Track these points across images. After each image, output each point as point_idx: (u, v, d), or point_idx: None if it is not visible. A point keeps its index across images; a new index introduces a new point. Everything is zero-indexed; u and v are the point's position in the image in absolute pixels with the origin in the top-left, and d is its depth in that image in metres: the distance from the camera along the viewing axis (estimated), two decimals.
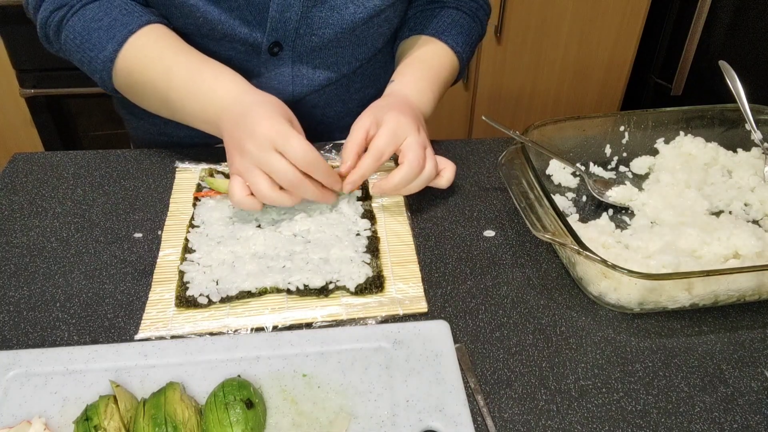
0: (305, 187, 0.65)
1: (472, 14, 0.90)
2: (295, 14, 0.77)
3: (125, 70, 0.73)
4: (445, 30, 0.86)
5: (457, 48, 0.86)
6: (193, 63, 0.72)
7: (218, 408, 0.50)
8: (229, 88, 0.70)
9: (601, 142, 0.82)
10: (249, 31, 0.79)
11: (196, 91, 0.71)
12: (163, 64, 0.72)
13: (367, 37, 0.85)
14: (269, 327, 0.60)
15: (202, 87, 0.71)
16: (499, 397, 0.55)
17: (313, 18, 0.79)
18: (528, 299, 0.64)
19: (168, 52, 0.73)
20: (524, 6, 1.73)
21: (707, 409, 0.54)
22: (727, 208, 0.76)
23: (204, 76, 0.71)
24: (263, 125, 0.64)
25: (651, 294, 0.60)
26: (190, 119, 0.73)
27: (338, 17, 0.79)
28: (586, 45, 1.84)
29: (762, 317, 0.63)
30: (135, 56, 0.72)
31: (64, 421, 0.52)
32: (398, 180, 0.68)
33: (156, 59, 0.72)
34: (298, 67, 0.85)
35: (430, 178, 0.71)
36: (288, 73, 0.85)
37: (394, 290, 0.64)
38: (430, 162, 0.70)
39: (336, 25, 0.80)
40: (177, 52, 0.73)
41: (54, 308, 0.62)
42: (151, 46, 0.73)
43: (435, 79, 0.83)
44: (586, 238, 0.62)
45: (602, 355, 0.59)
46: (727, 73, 0.82)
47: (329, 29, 0.80)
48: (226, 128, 0.69)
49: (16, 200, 0.76)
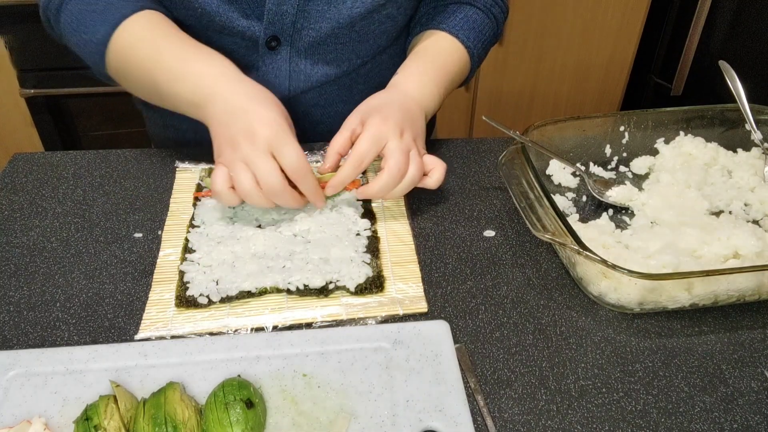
0: (284, 196, 0.65)
1: (487, 11, 0.88)
2: (292, 7, 0.77)
3: (117, 53, 0.73)
4: (456, 25, 0.84)
5: (468, 43, 0.84)
6: (184, 46, 0.72)
7: (218, 408, 0.50)
8: (220, 73, 0.69)
9: (601, 142, 0.82)
10: (247, 24, 0.78)
11: (185, 73, 0.70)
12: (153, 46, 0.71)
13: (368, 34, 0.85)
14: (269, 327, 0.60)
15: (192, 69, 0.70)
16: (499, 397, 0.55)
17: (311, 11, 0.79)
18: (528, 299, 0.64)
19: (159, 35, 0.72)
20: (525, 6, 1.73)
21: (707, 409, 0.54)
22: (727, 208, 0.76)
23: (194, 59, 0.70)
24: (264, 127, 0.64)
25: (651, 294, 0.60)
26: (177, 102, 0.72)
27: (335, 11, 0.79)
28: (586, 45, 1.84)
29: (762, 317, 0.63)
30: (127, 39, 0.72)
31: (64, 421, 0.52)
32: (378, 188, 0.67)
33: (147, 42, 0.71)
34: (296, 63, 0.84)
35: (414, 182, 0.69)
36: (285, 68, 0.84)
37: (394, 290, 0.64)
38: (413, 166, 0.68)
39: (333, 19, 0.80)
40: (168, 35, 0.72)
41: (54, 308, 0.62)
42: (143, 31, 0.72)
43: (441, 73, 0.81)
44: (586, 238, 0.62)
45: (602, 355, 0.59)
46: (727, 73, 0.82)
47: (326, 23, 0.80)
48: (216, 116, 0.67)
49: (16, 200, 0.76)
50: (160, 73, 0.71)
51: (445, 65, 0.82)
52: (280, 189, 0.64)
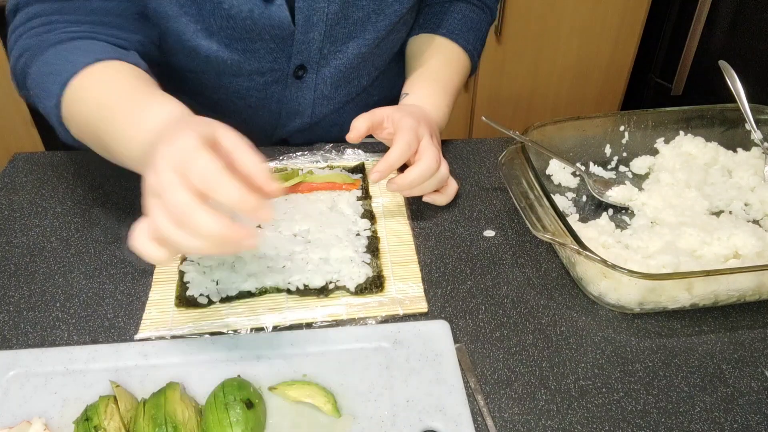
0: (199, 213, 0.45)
1: (480, 4, 0.89)
2: (319, 34, 0.77)
3: (67, 112, 0.63)
4: (455, 29, 0.85)
5: (468, 47, 0.85)
6: (130, 100, 0.60)
7: (218, 408, 0.50)
8: (160, 120, 0.56)
9: (601, 142, 0.82)
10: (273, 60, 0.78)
11: (125, 131, 0.58)
12: (98, 104, 0.61)
13: (388, 46, 0.85)
14: (269, 327, 0.60)
15: (135, 124, 0.58)
16: (499, 397, 0.55)
17: (337, 35, 0.78)
18: (528, 299, 0.64)
19: (105, 91, 0.61)
20: (524, 6, 1.73)
21: (707, 409, 0.54)
22: (727, 208, 0.75)
23: (138, 114, 0.58)
24: (166, 149, 0.48)
25: (651, 294, 0.60)
26: (126, 163, 0.60)
27: (361, 31, 0.79)
28: (586, 45, 1.84)
29: (762, 317, 0.63)
30: (74, 97, 0.62)
31: (64, 421, 0.52)
32: (412, 178, 0.68)
33: (91, 100, 0.61)
34: (321, 89, 0.84)
35: (441, 182, 0.72)
36: (310, 96, 0.84)
37: (394, 290, 0.64)
38: (444, 165, 0.71)
39: (360, 38, 0.79)
40: (115, 89, 0.62)
41: (54, 308, 0.62)
42: (91, 88, 0.62)
43: (449, 89, 0.83)
44: (586, 238, 0.62)
45: (602, 355, 0.59)
46: (727, 73, 0.82)
47: (353, 43, 0.80)
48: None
49: (16, 200, 0.76)
50: (104, 134, 0.61)
51: (452, 79, 0.84)
52: (190, 206, 0.45)
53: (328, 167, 0.81)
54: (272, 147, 0.86)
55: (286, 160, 0.82)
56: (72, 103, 0.63)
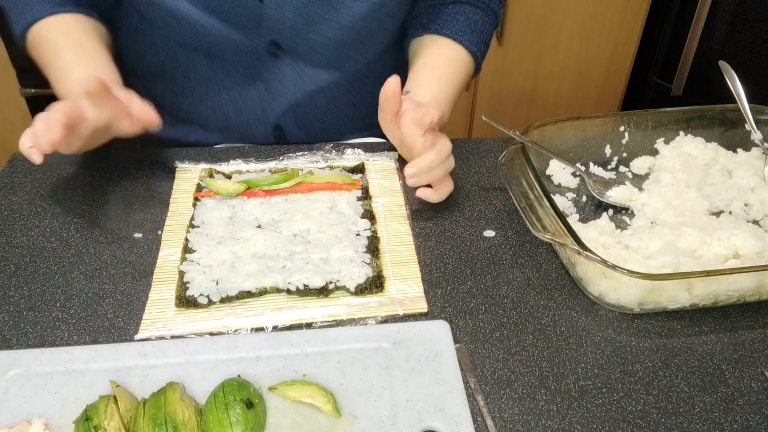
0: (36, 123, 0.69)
1: (485, 7, 0.89)
2: (291, 11, 0.77)
3: (30, 48, 0.82)
4: (459, 30, 0.85)
5: (472, 48, 0.85)
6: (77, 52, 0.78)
7: (218, 408, 0.50)
8: (76, 80, 0.73)
9: (601, 142, 0.82)
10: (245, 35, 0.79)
11: (59, 78, 0.76)
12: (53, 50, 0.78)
13: (370, 34, 0.85)
14: (269, 327, 0.60)
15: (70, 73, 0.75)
16: (499, 397, 0.55)
17: (311, 15, 0.79)
18: (528, 299, 0.64)
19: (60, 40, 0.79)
20: (525, 6, 1.73)
21: (707, 409, 0.54)
22: (727, 208, 0.76)
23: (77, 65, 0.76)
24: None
25: (651, 294, 0.60)
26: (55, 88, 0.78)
27: (335, 14, 0.79)
28: (586, 45, 1.84)
29: (762, 317, 0.63)
30: (36, 36, 0.80)
31: (64, 421, 0.51)
32: (432, 158, 0.69)
33: (49, 45, 0.79)
34: (300, 67, 0.85)
35: (449, 169, 0.73)
36: (290, 74, 0.85)
37: (394, 290, 0.64)
38: (451, 156, 0.73)
39: (334, 21, 0.80)
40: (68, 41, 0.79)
41: (54, 308, 0.62)
42: (49, 35, 0.79)
43: (451, 88, 0.83)
44: (586, 238, 0.62)
45: (602, 355, 0.59)
46: (727, 73, 0.82)
47: (328, 25, 0.80)
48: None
49: (16, 200, 0.76)
50: (48, 70, 0.79)
51: (454, 78, 0.84)
52: (40, 117, 0.68)
53: (328, 167, 0.81)
54: (272, 147, 0.86)
55: (286, 160, 0.82)
56: (34, 42, 0.81)
